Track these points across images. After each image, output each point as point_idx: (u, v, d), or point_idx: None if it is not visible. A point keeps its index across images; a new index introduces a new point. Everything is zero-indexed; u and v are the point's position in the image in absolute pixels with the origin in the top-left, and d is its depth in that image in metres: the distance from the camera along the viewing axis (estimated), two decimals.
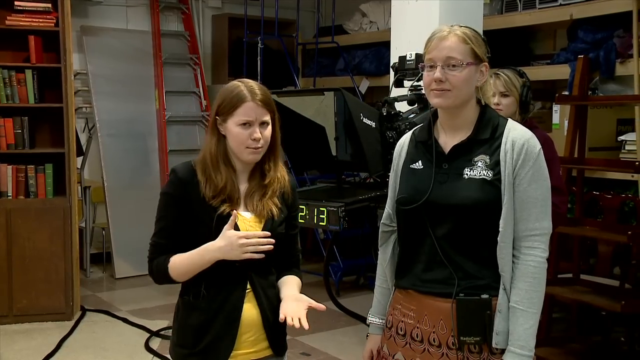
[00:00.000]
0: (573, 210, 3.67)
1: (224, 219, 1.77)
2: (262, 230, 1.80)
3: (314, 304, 1.76)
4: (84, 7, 5.95)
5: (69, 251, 4.49)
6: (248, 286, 1.82)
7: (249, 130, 1.77)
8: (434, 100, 1.74)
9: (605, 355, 3.65)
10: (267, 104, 1.80)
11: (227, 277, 1.80)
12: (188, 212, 1.79)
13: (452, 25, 1.74)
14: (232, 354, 1.80)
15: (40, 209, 4.44)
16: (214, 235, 1.76)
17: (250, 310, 1.81)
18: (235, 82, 1.82)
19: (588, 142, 3.65)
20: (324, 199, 2.90)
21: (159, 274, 1.81)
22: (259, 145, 1.78)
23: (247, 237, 1.72)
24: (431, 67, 1.72)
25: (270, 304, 1.84)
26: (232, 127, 1.78)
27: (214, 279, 1.80)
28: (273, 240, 1.75)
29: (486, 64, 1.74)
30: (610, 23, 4.21)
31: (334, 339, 4.27)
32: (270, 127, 1.81)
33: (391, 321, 1.84)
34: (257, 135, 1.77)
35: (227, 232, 1.73)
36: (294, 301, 1.77)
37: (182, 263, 1.78)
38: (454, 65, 1.68)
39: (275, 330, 1.86)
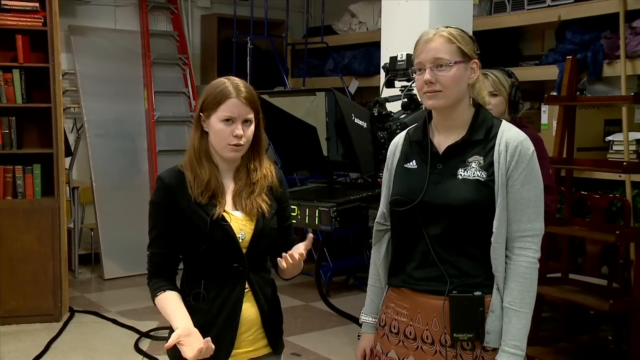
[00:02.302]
0: (562, 210, 3.69)
1: (217, 223, 1.77)
2: (255, 227, 1.81)
3: (304, 243, 1.77)
4: (72, 6, 5.91)
5: (58, 252, 4.46)
6: (247, 286, 1.82)
7: (231, 127, 1.76)
8: (427, 103, 1.75)
9: (593, 353, 3.68)
10: (251, 102, 1.79)
11: (226, 278, 1.79)
12: (179, 218, 1.78)
13: (437, 28, 1.76)
14: (231, 354, 1.80)
15: (28, 209, 4.41)
16: (208, 239, 1.76)
17: (249, 309, 1.82)
18: (222, 79, 1.82)
19: (576, 143, 3.68)
20: (316, 199, 2.89)
21: (150, 295, 1.83)
22: (241, 143, 1.77)
23: (203, 350, 1.65)
24: (420, 70, 1.74)
25: (267, 302, 1.85)
26: (215, 123, 1.77)
27: (212, 279, 1.80)
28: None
29: (476, 61, 1.75)
30: (598, 24, 4.24)
31: (324, 339, 4.27)
32: (253, 126, 1.80)
33: (384, 319, 1.85)
34: (239, 132, 1.76)
35: (200, 341, 1.67)
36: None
37: (163, 310, 1.79)
38: (442, 66, 1.70)
39: (273, 328, 1.88)
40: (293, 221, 2.03)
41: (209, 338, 1.68)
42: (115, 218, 5.63)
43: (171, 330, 1.77)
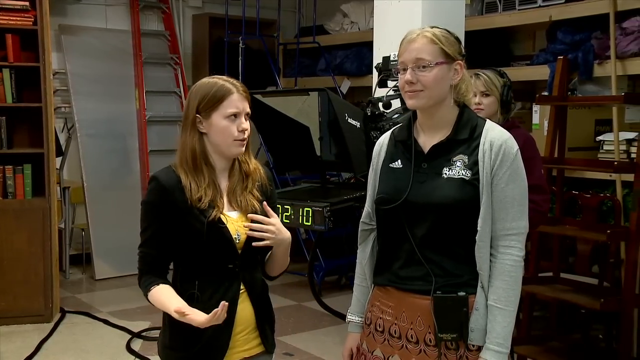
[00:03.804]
0: (553, 209, 3.71)
1: (214, 225, 1.76)
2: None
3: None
4: (63, 5, 5.88)
5: (48, 252, 4.44)
6: (242, 286, 1.82)
7: (236, 122, 1.77)
8: (408, 102, 1.77)
9: (584, 352, 3.70)
10: (247, 95, 1.82)
11: (221, 278, 1.79)
12: (174, 218, 1.77)
13: (423, 28, 1.77)
14: (225, 354, 1.79)
15: (18, 209, 4.39)
16: (205, 241, 1.76)
17: (244, 310, 1.82)
18: (211, 79, 1.81)
19: (567, 142, 3.70)
20: (309, 199, 2.89)
21: (143, 292, 1.81)
22: (246, 137, 1.79)
23: (219, 312, 1.65)
24: (404, 70, 1.75)
25: (261, 302, 1.86)
26: (219, 121, 1.76)
27: (207, 280, 1.79)
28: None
29: (460, 62, 1.75)
30: (588, 25, 4.26)
31: (316, 339, 4.27)
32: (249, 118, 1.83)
33: (370, 318, 1.86)
34: (245, 125, 1.78)
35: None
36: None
37: (158, 300, 1.76)
38: (423, 66, 1.71)
39: (266, 328, 1.88)
40: (286, 221, 2.03)
41: (224, 302, 1.64)
42: (107, 218, 5.61)
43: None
